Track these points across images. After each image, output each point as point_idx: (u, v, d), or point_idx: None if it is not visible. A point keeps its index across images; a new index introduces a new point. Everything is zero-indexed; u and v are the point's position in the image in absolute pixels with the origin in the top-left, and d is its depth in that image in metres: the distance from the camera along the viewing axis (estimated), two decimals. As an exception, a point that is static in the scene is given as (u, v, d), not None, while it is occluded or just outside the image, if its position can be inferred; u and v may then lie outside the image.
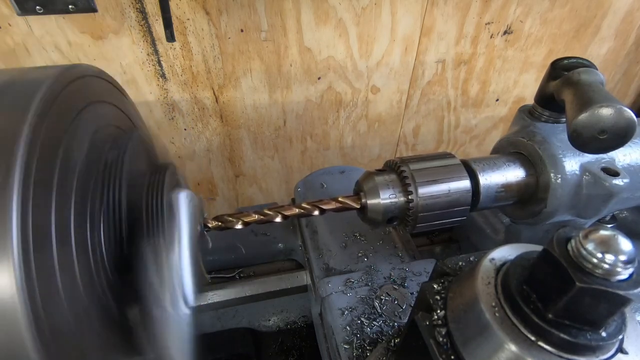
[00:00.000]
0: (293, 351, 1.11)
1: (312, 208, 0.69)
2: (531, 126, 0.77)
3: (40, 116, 0.40)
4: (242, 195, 1.76)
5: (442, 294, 0.48)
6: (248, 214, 0.67)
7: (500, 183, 0.72)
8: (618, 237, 0.35)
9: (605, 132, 0.61)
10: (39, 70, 0.48)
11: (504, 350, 0.38)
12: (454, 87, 1.61)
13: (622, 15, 1.55)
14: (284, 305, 1.14)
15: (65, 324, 0.41)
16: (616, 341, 0.38)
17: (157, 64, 1.25)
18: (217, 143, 1.53)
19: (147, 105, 1.35)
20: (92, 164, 0.50)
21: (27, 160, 0.37)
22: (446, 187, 0.68)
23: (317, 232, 0.96)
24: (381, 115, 1.63)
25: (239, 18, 1.21)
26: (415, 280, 0.83)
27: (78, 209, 0.45)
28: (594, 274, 0.34)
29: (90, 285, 0.46)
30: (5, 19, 1.07)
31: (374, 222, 0.69)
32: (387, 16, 1.33)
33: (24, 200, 0.36)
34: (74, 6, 1.06)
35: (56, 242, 0.40)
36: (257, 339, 1.11)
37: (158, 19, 1.15)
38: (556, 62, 0.72)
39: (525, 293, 0.39)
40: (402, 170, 0.68)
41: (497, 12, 1.41)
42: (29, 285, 0.35)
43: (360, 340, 0.73)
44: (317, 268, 0.89)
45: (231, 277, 1.04)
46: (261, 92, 1.41)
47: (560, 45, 1.58)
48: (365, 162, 1.79)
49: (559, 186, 0.71)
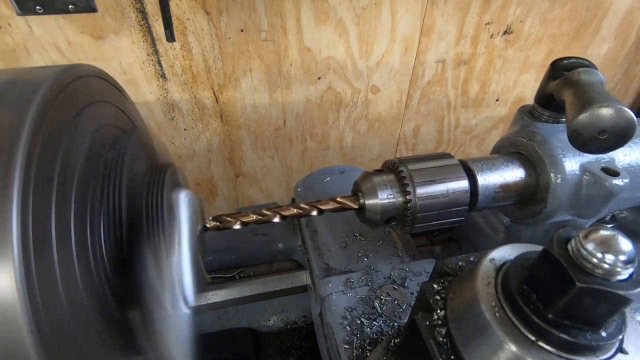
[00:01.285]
0: (293, 351, 1.11)
1: (311, 208, 0.69)
2: (531, 126, 0.77)
3: (40, 116, 0.40)
4: (242, 195, 1.76)
5: (442, 294, 0.48)
6: (246, 214, 0.67)
7: (498, 183, 0.72)
8: (618, 237, 0.35)
9: (605, 132, 0.61)
10: (39, 70, 0.48)
11: (504, 350, 0.38)
12: (454, 87, 1.61)
13: (622, 15, 1.55)
14: (284, 305, 1.14)
15: (65, 324, 0.41)
16: (616, 341, 0.38)
17: (157, 64, 1.25)
18: (217, 143, 1.53)
19: (147, 105, 1.35)
20: (92, 164, 0.50)
21: (27, 161, 0.37)
22: (444, 188, 0.68)
23: (317, 232, 0.96)
24: (381, 115, 1.63)
25: (239, 18, 1.21)
26: (415, 280, 0.83)
27: (78, 209, 0.45)
28: (594, 274, 0.34)
29: (90, 285, 0.46)
30: (5, 19, 1.07)
31: (372, 222, 0.69)
32: (387, 16, 1.33)
33: (24, 200, 0.36)
34: (74, 6, 1.06)
35: (56, 242, 0.40)
36: (257, 339, 1.11)
37: (158, 19, 1.15)
38: (556, 62, 0.72)
39: (525, 293, 0.39)
40: (400, 171, 0.68)
41: (497, 12, 1.41)
42: (29, 285, 0.35)
43: (360, 340, 0.73)
44: (317, 268, 0.89)
45: (231, 277, 1.04)
46: (261, 92, 1.41)
47: (560, 45, 1.58)
48: (365, 162, 1.79)
49: (559, 186, 0.71)
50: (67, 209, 0.44)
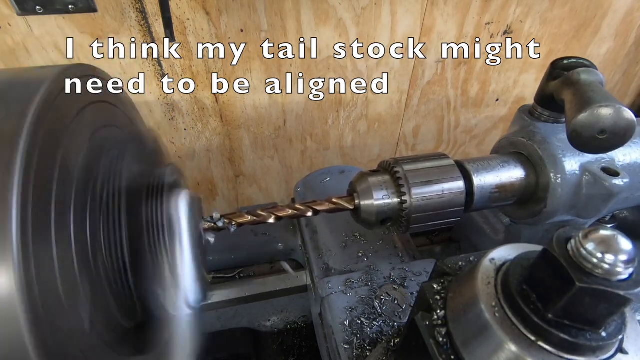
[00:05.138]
0: (293, 351, 1.11)
1: (306, 209, 0.68)
2: (531, 126, 0.77)
3: (40, 116, 0.40)
4: (242, 195, 1.76)
5: (442, 294, 0.48)
6: (241, 215, 0.67)
7: (494, 184, 0.72)
8: (618, 237, 0.35)
9: (605, 132, 0.61)
10: (39, 70, 0.48)
11: (504, 350, 0.38)
12: (454, 87, 1.61)
13: (622, 15, 1.55)
14: (284, 305, 1.14)
15: (65, 324, 0.41)
16: (616, 341, 0.38)
17: (157, 64, 1.25)
18: (217, 143, 1.53)
19: (147, 105, 1.35)
20: (91, 164, 0.50)
21: (27, 160, 0.37)
22: (440, 188, 0.67)
23: (317, 232, 0.96)
24: (381, 115, 1.63)
25: (239, 18, 1.21)
26: (415, 280, 0.83)
27: (78, 209, 0.45)
28: (594, 274, 0.34)
29: (91, 285, 0.46)
30: (5, 19, 1.07)
31: (368, 223, 0.69)
32: (387, 16, 1.32)
33: (24, 200, 0.36)
34: (74, 6, 1.06)
35: (56, 243, 0.40)
36: (257, 339, 1.11)
37: (158, 19, 1.15)
38: (556, 62, 0.72)
39: (525, 293, 0.39)
40: (396, 171, 0.68)
41: (497, 12, 1.41)
42: (28, 285, 0.35)
43: (360, 340, 0.73)
44: (317, 268, 0.89)
45: (231, 277, 1.04)
46: (261, 92, 1.41)
47: (560, 45, 1.58)
48: (365, 162, 1.79)
49: (559, 186, 0.71)
50: (67, 209, 0.44)
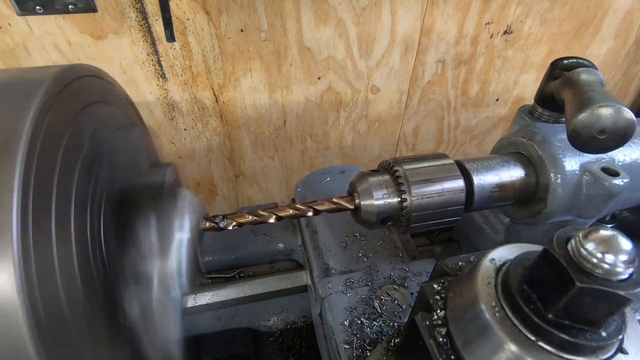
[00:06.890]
0: (293, 351, 1.11)
1: (306, 209, 0.68)
2: (531, 126, 0.77)
3: (40, 116, 0.40)
4: (242, 195, 1.76)
5: (442, 294, 0.48)
6: (242, 215, 0.67)
7: (494, 183, 0.72)
8: (618, 237, 0.35)
9: (605, 132, 0.61)
10: (39, 70, 0.48)
11: (504, 350, 0.38)
12: (454, 87, 1.61)
13: (622, 15, 1.55)
14: (284, 305, 1.14)
15: (64, 324, 0.41)
16: (616, 341, 0.38)
17: (157, 64, 1.25)
18: (217, 143, 1.53)
19: (147, 105, 1.35)
20: (91, 164, 0.50)
21: (27, 160, 0.37)
22: (439, 187, 0.67)
23: (317, 232, 0.96)
24: (381, 115, 1.63)
25: (239, 18, 1.21)
26: (415, 280, 0.83)
27: (78, 210, 0.45)
28: (594, 274, 0.34)
29: (91, 285, 0.47)
30: (5, 19, 1.07)
31: (368, 222, 0.69)
32: (387, 16, 1.32)
33: (24, 200, 0.36)
34: (74, 6, 1.06)
35: (56, 243, 0.40)
36: (257, 339, 1.11)
37: (158, 19, 1.15)
38: (556, 62, 0.72)
39: (525, 293, 0.39)
40: (396, 171, 0.68)
41: (497, 12, 1.41)
42: (29, 285, 0.35)
43: (360, 340, 0.73)
44: (317, 268, 0.89)
45: (231, 277, 1.04)
46: (261, 92, 1.41)
47: (560, 45, 1.58)
48: (365, 162, 1.79)
49: (559, 186, 0.71)
50: (67, 209, 0.44)
